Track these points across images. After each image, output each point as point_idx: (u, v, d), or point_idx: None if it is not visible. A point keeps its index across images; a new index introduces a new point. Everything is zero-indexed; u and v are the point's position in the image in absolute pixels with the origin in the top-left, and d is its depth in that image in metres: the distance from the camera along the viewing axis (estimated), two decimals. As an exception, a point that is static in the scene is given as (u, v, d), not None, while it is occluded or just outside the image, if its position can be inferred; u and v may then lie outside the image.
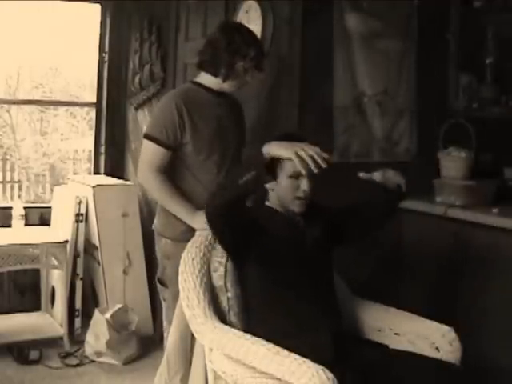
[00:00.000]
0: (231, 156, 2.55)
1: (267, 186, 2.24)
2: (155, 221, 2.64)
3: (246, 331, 2.05)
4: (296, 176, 2.18)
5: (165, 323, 2.66)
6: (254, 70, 2.53)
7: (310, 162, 2.10)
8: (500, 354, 2.58)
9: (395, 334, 2.26)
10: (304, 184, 2.18)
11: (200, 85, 2.55)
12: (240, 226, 2.13)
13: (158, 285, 2.66)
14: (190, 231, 2.40)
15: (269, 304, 2.14)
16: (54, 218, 4.15)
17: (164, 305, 2.66)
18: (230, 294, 2.22)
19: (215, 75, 2.51)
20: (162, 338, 2.76)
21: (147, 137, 2.48)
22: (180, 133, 2.45)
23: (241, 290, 2.22)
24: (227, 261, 2.24)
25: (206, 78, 2.55)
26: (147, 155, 2.48)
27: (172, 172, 2.51)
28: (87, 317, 3.73)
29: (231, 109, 2.62)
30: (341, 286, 2.43)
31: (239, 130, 2.65)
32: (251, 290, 2.19)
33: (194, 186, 2.51)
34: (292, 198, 2.20)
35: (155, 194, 2.53)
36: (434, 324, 2.19)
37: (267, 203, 2.28)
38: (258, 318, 2.16)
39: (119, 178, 4.33)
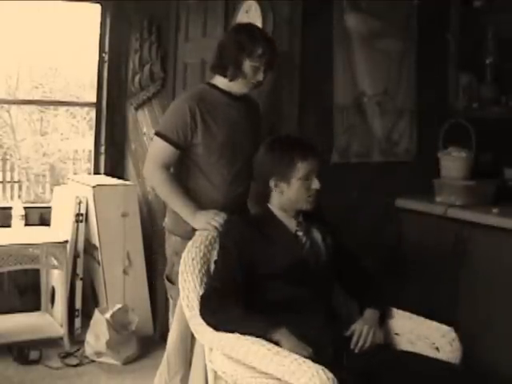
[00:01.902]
0: (243, 158, 2.54)
1: (275, 190, 2.23)
2: (166, 219, 2.66)
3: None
4: (307, 177, 2.20)
5: (171, 321, 2.65)
6: (265, 69, 2.49)
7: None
8: (501, 353, 2.58)
9: (395, 334, 2.25)
10: (316, 183, 2.21)
11: (215, 87, 2.55)
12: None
13: (167, 282, 2.66)
14: None
15: (269, 307, 2.13)
16: (54, 217, 4.15)
17: (171, 303, 2.66)
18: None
19: (224, 75, 2.51)
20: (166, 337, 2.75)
21: (158, 134, 2.50)
22: (191, 134, 2.46)
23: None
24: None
25: (220, 81, 2.55)
26: (155, 151, 2.51)
27: (183, 171, 2.53)
28: (87, 317, 3.73)
29: (248, 111, 2.60)
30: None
31: (253, 132, 2.62)
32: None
33: (204, 186, 2.52)
34: (306, 198, 2.22)
35: (159, 189, 2.55)
36: (434, 324, 2.19)
37: (270, 206, 2.28)
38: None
39: (119, 178, 4.32)
